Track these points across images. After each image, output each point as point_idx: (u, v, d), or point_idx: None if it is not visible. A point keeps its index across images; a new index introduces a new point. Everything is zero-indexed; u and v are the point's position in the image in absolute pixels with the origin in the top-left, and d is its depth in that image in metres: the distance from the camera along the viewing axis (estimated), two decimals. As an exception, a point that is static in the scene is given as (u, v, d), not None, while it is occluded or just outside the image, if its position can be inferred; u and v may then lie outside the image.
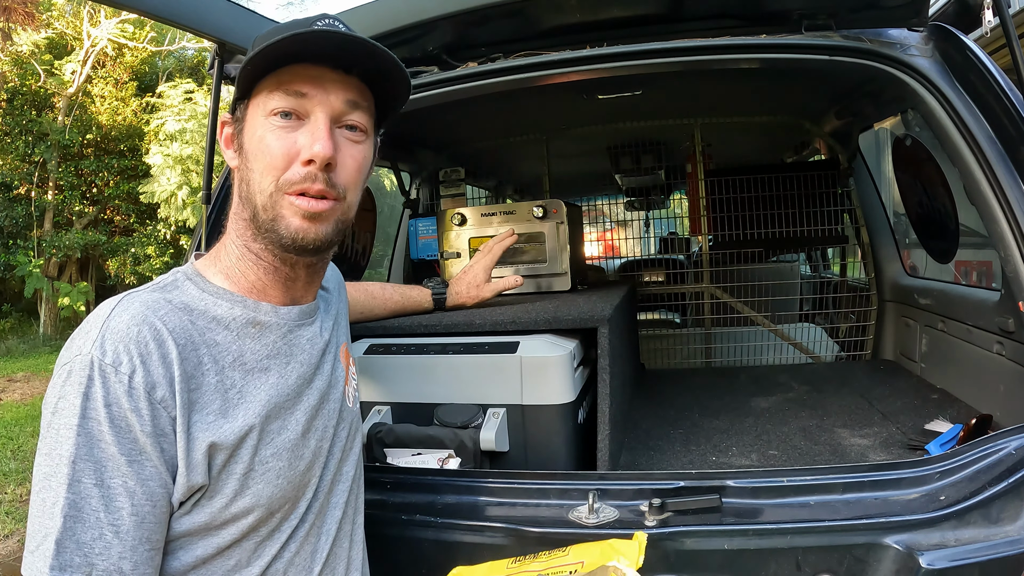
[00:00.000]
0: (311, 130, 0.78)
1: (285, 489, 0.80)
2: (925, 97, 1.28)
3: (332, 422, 0.89)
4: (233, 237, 0.84)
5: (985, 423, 1.33)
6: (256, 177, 0.79)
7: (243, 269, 0.83)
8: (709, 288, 2.49)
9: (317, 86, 0.79)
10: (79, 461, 0.67)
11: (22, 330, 11.51)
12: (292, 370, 0.83)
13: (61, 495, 0.67)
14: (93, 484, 0.67)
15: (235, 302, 0.81)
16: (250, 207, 0.81)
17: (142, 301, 0.75)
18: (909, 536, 0.91)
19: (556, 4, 1.40)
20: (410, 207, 2.55)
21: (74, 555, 0.66)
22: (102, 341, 0.70)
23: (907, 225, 2.15)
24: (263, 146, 0.79)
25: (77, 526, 0.67)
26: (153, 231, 11.76)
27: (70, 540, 0.66)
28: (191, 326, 0.76)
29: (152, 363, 0.71)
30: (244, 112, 0.82)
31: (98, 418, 0.68)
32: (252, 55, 0.76)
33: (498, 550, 1.01)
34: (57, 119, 11.50)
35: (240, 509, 0.76)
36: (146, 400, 0.70)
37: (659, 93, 2.00)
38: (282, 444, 0.80)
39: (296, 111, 0.79)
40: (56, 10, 11.95)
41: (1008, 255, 1.16)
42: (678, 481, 1.02)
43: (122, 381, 0.69)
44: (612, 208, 3.95)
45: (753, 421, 1.58)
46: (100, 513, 0.67)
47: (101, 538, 0.67)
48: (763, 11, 1.43)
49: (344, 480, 0.91)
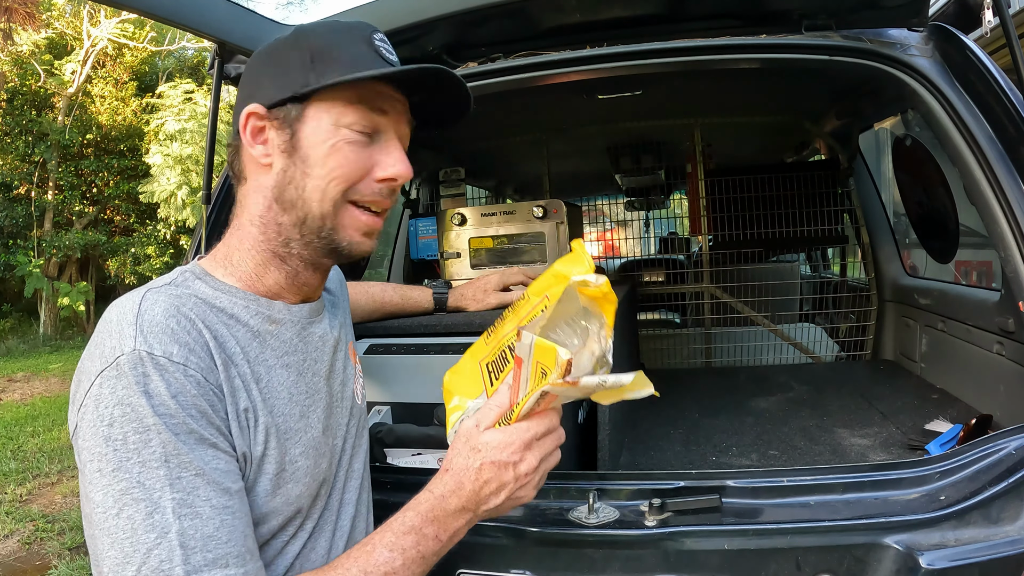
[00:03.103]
0: (389, 150, 0.81)
1: (311, 487, 0.80)
2: (925, 97, 1.28)
3: (344, 419, 0.90)
4: (254, 240, 0.81)
5: (985, 423, 1.33)
6: (319, 184, 0.78)
7: (260, 273, 0.82)
8: (709, 288, 2.49)
9: (392, 107, 0.82)
10: (171, 458, 0.64)
11: (22, 330, 11.51)
12: (309, 367, 0.84)
13: (166, 497, 0.63)
14: (194, 475, 0.65)
15: (248, 299, 0.80)
16: (301, 211, 0.79)
17: (167, 294, 0.73)
18: (909, 536, 0.91)
19: (556, 4, 1.40)
20: (410, 207, 2.55)
21: (205, 552, 0.64)
22: (144, 336, 0.67)
23: (907, 225, 2.15)
24: (338, 155, 0.78)
25: (196, 522, 0.64)
26: (153, 231, 11.76)
27: (194, 539, 0.63)
28: (216, 320, 0.75)
29: (199, 351, 0.70)
30: (301, 113, 0.79)
31: (169, 411, 0.65)
32: (352, 77, 0.75)
33: (498, 550, 1.02)
34: (57, 119, 11.50)
35: (270, 509, 0.75)
36: (207, 385, 0.69)
37: (659, 93, 2.00)
38: (308, 442, 0.80)
39: (373, 128, 0.80)
40: (56, 10, 11.95)
41: (1008, 255, 1.16)
42: (678, 481, 1.02)
43: (180, 370, 0.67)
44: (612, 208, 3.95)
45: (753, 421, 1.58)
46: (211, 502, 0.65)
47: (223, 525, 0.65)
48: (763, 11, 1.43)
49: (355, 477, 0.92)
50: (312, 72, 0.77)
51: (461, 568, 1.02)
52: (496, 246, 1.86)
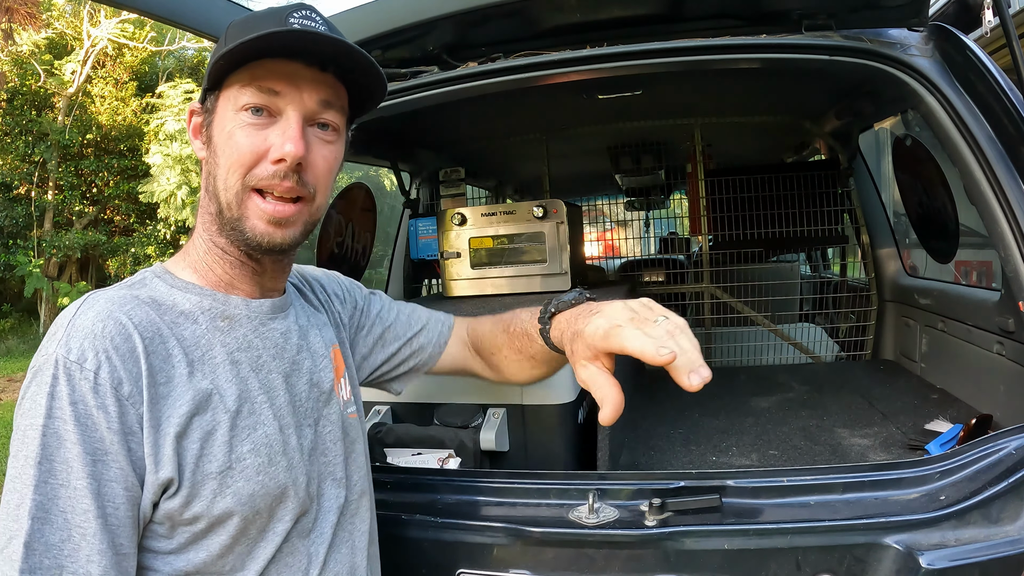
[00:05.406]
0: (283, 129, 0.77)
1: (268, 487, 0.77)
2: (925, 97, 1.28)
3: (311, 419, 0.86)
4: (200, 231, 0.83)
5: (985, 423, 1.33)
6: (222, 173, 0.78)
7: (210, 263, 0.82)
8: (709, 288, 2.49)
9: (290, 84, 0.77)
10: (44, 461, 0.66)
11: (22, 330, 11.51)
12: (265, 364, 0.82)
13: (28, 497, 0.66)
14: (59, 485, 0.66)
15: (203, 296, 0.80)
16: (216, 203, 0.80)
17: (107, 298, 0.74)
18: (909, 536, 0.91)
19: (556, 4, 1.40)
20: (410, 207, 2.55)
21: (43, 557, 0.65)
22: (67, 339, 0.69)
23: (907, 225, 2.15)
24: (232, 142, 0.77)
25: (45, 528, 0.66)
26: (153, 231, 11.77)
27: (38, 542, 0.65)
28: (159, 320, 0.75)
29: (118, 359, 0.69)
30: (214, 103, 0.80)
31: (63, 417, 0.67)
32: (225, 50, 0.74)
33: (498, 550, 1.01)
34: (57, 119, 11.50)
35: (223, 510, 0.74)
36: (113, 396, 0.68)
37: (659, 93, 2.00)
38: (259, 440, 0.77)
39: (268, 108, 0.77)
40: (56, 10, 11.95)
41: (1008, 255, 1.16)
42: (678, 481, 1.02)
43: (87, 378, 0.68)
44: (612, 208, 3.95)
45: (753, 421, 1.58)
46: (67, 515, 0.66)
47: (69, 540, 0.66)
48: (763, 11, 1.43)
49: (338, 484, 0.88)
50: (218, 63, 0.76)
51: (461, 568, 1.02)
52: (496, 246, 1.86)
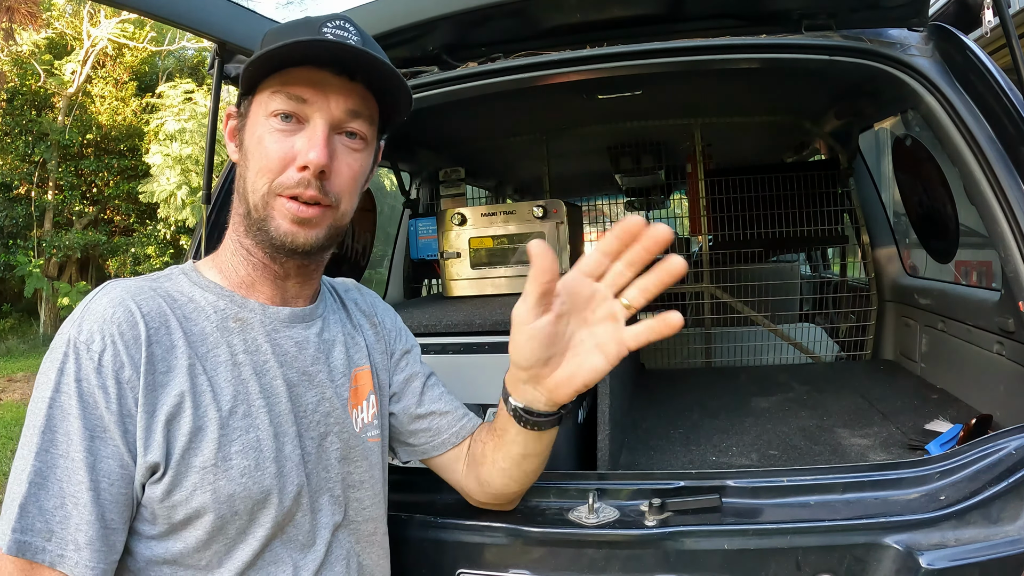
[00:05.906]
0: (308, 136, 0.79)
1: (251, 490, 0.77)
2: (925, 97, 1.28)
3: (320, 436, 0.85)
4: (230, 231, 0.86)
5: (985, 423, 1.33)
6: (251, 176, 0.81)
7: (235, 264, 0.85)
8: (709, 288, 2.49)
9: (318, 92, 0.79)
10: (47, 432, 0.71)
11: (22, 330, 11.51)
12: (269, 369, 0.82)
13: (29, 462, 0.70)
14: (59, 455, 0.70)
15: (221, 295, 0.82)
16: (244, 204, 0.83)
17: (124, 286, 0.77)
18: (909, 536, 0.91)
19: (556, 4, 1.40)
20: (410, 207, 2.55)
21: (36, 519, 0.69)
22: (81, 321, 0.74)
23: (907, 225, 2.15)
24: (261, 147, 0.80)
25: (41, 493, 0.70)
26: (153, 231, 11.76)
27: (33, 505, 0.69)
28: (169, 311, 0.78)
29: (122, 344, 0.73)
30: (248, 108, 0.83)
31: (69, 392, 0.71)
32: (257, 56, 0.76)
33: (498, 550, 1.01)
34: (57, 119, 11.50)
35: (199, 505, 0.74)
36: (113, 379, 0.72)
37: (659, 93, 2.00)
38: (250, 442, 0.77)
39: (296, 115, 0.79)
40: (56, 10, 11.95)
41: (1008, 255, 1.16)
42: (678, 481, 1.02)
43: (92, 359, 0.72)
44: (612, 208, 3.95)
45: (753, 421, 1.58)
46: (63, 484, 0.70)
47: (62, 507, 0.70)
48: (763, 11, 1.43)
49: (334, 502, 0.86)
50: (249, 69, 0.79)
51: (461, 568, 1.02)
52: (496, 246, 1.86)
